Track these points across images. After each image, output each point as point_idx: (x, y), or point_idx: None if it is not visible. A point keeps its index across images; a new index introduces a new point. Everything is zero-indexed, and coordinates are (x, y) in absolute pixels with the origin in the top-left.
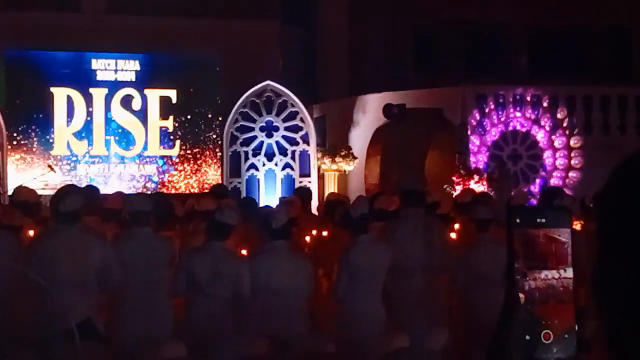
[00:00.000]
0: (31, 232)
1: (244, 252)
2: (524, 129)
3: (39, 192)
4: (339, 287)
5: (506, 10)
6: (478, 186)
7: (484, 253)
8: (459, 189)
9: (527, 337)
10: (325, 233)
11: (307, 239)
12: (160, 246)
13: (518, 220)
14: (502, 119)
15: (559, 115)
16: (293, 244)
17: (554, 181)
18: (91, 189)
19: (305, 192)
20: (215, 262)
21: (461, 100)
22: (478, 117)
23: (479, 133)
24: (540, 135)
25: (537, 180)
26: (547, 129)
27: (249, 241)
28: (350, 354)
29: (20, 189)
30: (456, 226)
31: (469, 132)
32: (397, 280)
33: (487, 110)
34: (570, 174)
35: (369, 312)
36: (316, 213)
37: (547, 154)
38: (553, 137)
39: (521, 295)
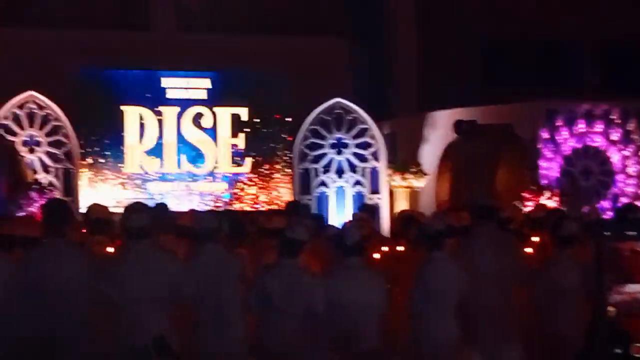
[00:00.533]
0: (106, 249)
1: (314, 269)
2: (595, 145)
3: (111, 210)
4: (415, 304)
5: (576, 25)
6: (549, 202)
7: (565, 268)
8: (529, 205)
9: (617, 351)
10: (399, 249)
11: (377, 255)
12: (231, 262)
13: (608, 234)
14: (573, 135)
15: (630, 130)
16: (366, 261)
17: (626, 198)
18: (161, 207)
19: (369, 209)
20: (289, 279)
21: (532, 115)
22: (549, 133)
23: (549, 149)
24: (611, 151)
25: (609, 196)
26: (619, 144)
27: (318, 258)
28: None
29: (93, 207)
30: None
31: (539, 148)
32: (471, 296)
33: (557, 126)
34: None
35: (443, 329)
36: (387, 230)
37: (618, 170)
38: (624, 152)
39: (610, 309)
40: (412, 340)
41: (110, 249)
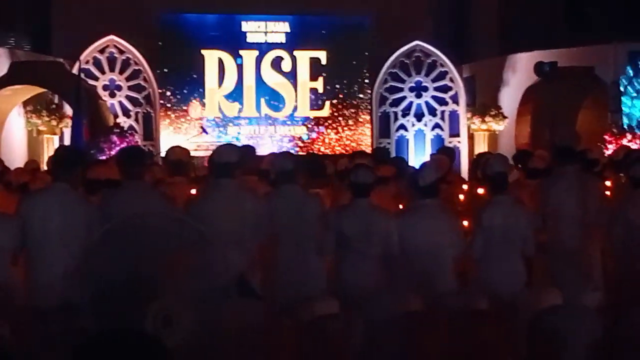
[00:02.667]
0: (185, 190)
1: (395, 210)
2: None
3: (191, 153)
4: (475, 247)
5: None
6: (631, 144)
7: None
8: (611, 147)
9: None
10: (480, 190)
11: (461, 197)
12: (309, 203)
13: None
14: None
15: None
16: (442, 202)
17: None
18: (248, 149)
19: (449, 152)
20: (363, 218)
21: (613, 58)
22: (631, 75)
23: (631, 91)
24: None
25: None
26: None
27: (400, 199)
28: (501, 311)
29: (173, 149)
30: (608, 183)
31: (621, 90)
32: (551, 237)
33: None
34: None
35: (508, 271)
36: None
37: None
38: None
39: None
40: (480, 282)
41: (191, 190)
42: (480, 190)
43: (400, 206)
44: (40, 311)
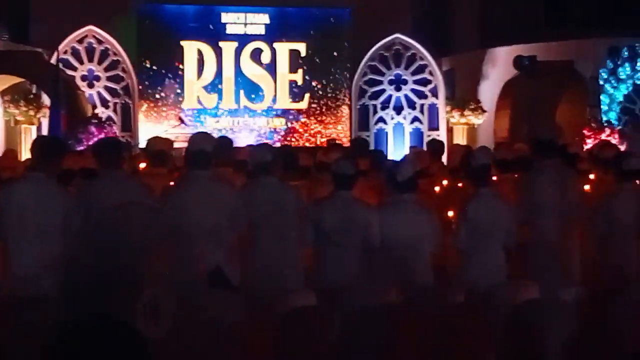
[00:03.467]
0: (165, 181)
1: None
2: None
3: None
4: (459, 239)
5: None
6: (610, 139)
7: (626, 202)
8: (590, 142)
9: None
10: (450, 184)
11: (437, 189)
12: (286, 195)
13: None
14: (635, 71)
15: None
16: (420, 197)
17: None
18: (224, 140)
19: (437, 145)
20: (343, 211)
21: (593, 52)
22: (610, 70)
23: (610, 86)
24: None
25: None
26: None
27: (377, 192)
28: (478, 304)
29: (154, 140)
30: (591, 177)
31: (600, 85)
32: (531, 231)
33: (619, 63)
34: None
35: (489, 264)
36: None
37: None
38: None
39: None
40: (462, 274)
41: (170, 182)
42: (460, 184)
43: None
44: (18, 301)
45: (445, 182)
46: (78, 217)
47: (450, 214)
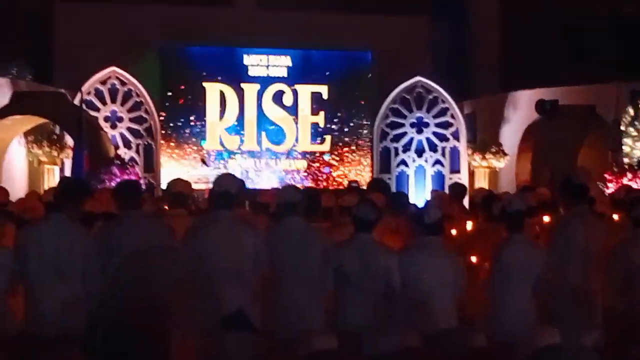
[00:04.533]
0: (185, 222)
1: (395, 246)
2: None
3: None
4: (492, 284)
5: None
6: (631, 183)
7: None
8: (611, 186)
9: None
10: (474, 227)
11: (454, 231)
12: (311, 236)
13: None
14: None
15: None
16: (444, 240)
17: None
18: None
19: (460, 188)
20: (364, 253)
21: (615, 97)
22: (632, 114)
23: (633, 131)
24: None
25: None
26: None
27: (399, 234)
28: (499, 348)
29: (175, 181)
30: (615, 218)
31: (622, 129)
32: (555, 277)
33: None
34: None
35: (520, 309)
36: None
37: None
38: None
39: None
40: (489, 318)
41: (189, 223)
42: (487, 227)
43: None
44: (39, 341)
45: (469, 225)
46: (98, 258)
47: (473, 258)
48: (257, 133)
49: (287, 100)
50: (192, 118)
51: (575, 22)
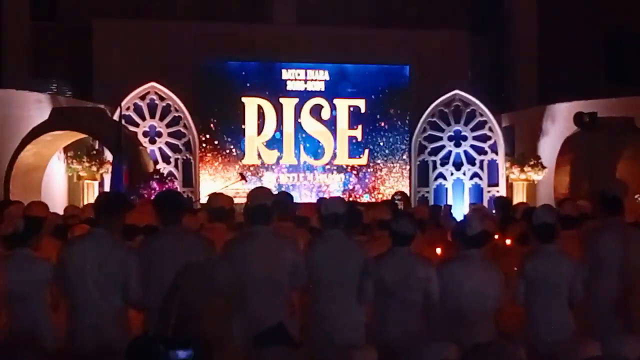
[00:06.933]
0: (225, 236)
1: (434, 258)
2: None
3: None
4: (517, 294)
5: None
6: None
7: None
8: None
9: None
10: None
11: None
12: (351, 249)
13: None
14: None
15: None
16: (485, 253)
17: None
18: (284, 195)
19: (504, 202)
20: (403, 266)
21: None
22: None
23: None
24: None
25: None
26: None
27: (438, 246)
28: None
29: (215, 196)
30: None
31: None
32: (594, 287)
33: None
34: None
35: (552, 320)
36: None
37: None
38: None
39: None
40: (524, 330)
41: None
42: (508, 241)
43: (438, 252)
44: (82, 356)
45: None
46: (139, 273)
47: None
48: (296, 147)
49: (325, 114)
50: (230, 133)
51: (614, 35)
